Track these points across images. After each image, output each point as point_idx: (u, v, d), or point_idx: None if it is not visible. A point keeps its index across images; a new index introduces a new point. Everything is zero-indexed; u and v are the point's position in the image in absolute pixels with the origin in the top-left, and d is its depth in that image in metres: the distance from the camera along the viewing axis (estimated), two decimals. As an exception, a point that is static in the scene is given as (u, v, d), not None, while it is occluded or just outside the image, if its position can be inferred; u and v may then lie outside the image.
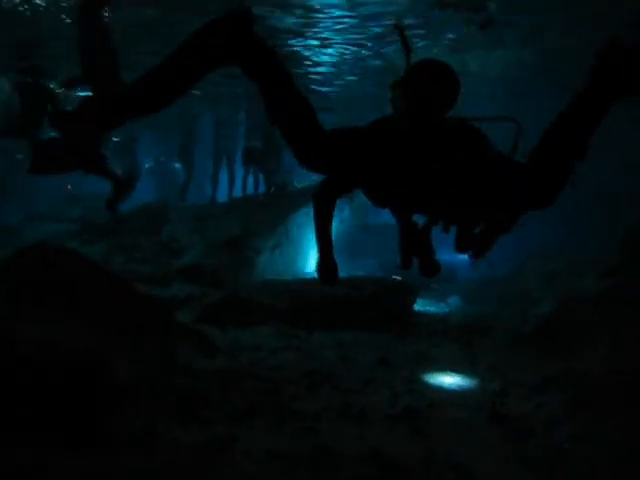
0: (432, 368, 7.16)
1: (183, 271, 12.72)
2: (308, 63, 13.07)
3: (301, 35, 11.01)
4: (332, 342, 8.45)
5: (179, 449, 4.20)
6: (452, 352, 8.07)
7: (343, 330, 9.36)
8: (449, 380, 6.63)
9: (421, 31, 10.41)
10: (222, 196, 18.76)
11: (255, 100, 16.31)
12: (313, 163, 3.38)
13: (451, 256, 4.64)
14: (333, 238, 3.67)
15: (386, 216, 3.87)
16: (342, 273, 3.64)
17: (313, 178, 19.29)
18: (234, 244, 14.10)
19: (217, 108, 18.15)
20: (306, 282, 12.33)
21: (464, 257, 4.37)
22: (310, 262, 14.82)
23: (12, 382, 4.11)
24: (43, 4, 9.38)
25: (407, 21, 9.86)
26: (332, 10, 9.70)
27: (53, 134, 6.80)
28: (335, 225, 3.87)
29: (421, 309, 11.58)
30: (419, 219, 4.16)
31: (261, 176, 18.20)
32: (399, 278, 10.86)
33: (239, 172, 18.85)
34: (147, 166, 21.56)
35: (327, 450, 4.49)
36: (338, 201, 3.70)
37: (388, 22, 10.02)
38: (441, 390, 6.23)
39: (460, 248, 3.86)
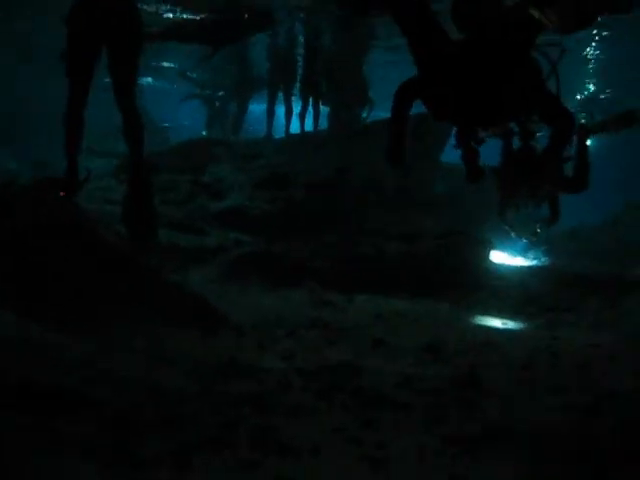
0: (500, 360, 5.34)
1: (221, 216, 11.19)
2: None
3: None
4: (372, 313, 6.73)
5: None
6: (530, 334, 6.20)
7: (393, 295, 7.64)
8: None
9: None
10: (279, 132, 17.08)
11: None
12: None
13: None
14: None
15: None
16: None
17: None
18: (282, 186, 12.43)
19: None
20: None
21: None
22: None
23: None
24: None
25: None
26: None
27: None
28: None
29: (492, 267, 9.62)
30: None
31: (326, 110, 16.36)
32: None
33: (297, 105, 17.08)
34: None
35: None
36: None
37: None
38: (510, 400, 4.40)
39: None
